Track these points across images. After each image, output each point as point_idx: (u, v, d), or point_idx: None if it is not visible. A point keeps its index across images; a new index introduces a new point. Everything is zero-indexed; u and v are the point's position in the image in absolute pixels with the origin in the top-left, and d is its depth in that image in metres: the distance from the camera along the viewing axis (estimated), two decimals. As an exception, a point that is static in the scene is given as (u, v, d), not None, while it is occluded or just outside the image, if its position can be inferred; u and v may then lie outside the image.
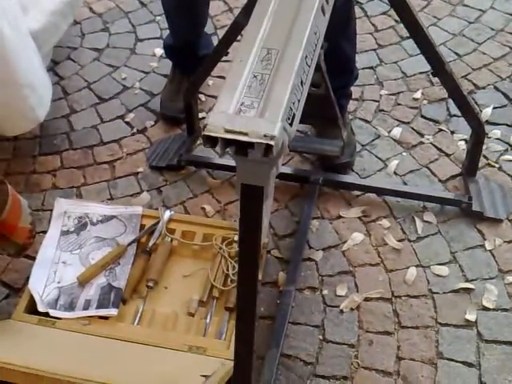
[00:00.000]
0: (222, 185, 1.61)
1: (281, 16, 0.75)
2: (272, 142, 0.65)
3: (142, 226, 1.45)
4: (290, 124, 0.71)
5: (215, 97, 1.81)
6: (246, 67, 0.71)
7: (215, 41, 1.84)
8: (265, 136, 0.65)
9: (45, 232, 1.43)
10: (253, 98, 0.69)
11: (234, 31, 1.32)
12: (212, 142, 0.68)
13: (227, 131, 0.66)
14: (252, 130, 0.65)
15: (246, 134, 0.65)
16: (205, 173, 1.64)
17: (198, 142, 1.69)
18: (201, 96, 1.79)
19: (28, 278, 1.35)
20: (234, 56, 0.75)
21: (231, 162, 1.69)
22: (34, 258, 1.42)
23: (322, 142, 1.43)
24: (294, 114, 0.73)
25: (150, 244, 1.41)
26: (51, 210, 1.49)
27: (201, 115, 1.73)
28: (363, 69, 1.80)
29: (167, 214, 1.46)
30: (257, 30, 0.73)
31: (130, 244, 1.41)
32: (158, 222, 1.44)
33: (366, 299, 1.36)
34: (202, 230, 1.42)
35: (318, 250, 1.45)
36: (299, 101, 0.74)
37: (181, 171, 1.64)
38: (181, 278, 1.38)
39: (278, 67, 0.70)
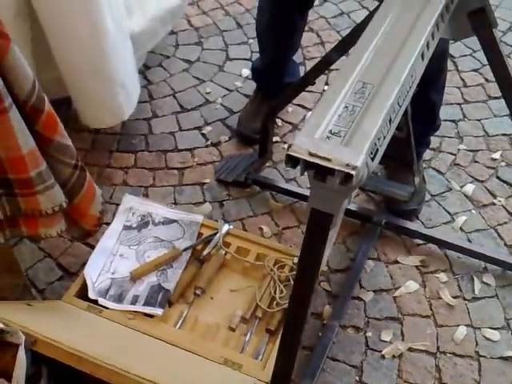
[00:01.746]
0: (283, 209, 1.62)
1: (382, 53, 0.77)
2: (353, 172, 0.66)
3: (200, 235, 1.48)
4: (372, 159, 0.72)
5: (292, 123, 1.84)
6: (339, 96, 0.73)
7: (302, 70, 1.88)
8: (347, 165, 0.66)
9: (108, 224, 1.48)
10: (341, 126, 0.70)
11: (323, 65, 1.35)
12: (294, 162, 0.70)
13: (311, 154, 0.68)
14: (335, 157, 0.67)
15: (328, 160, 0.67)
16: (268, 195, 1.66)
17: (267, 164, 1.72)
18: (278, 120, 1.82)
19: (83, 265, 1.39)
20: (330, 83, 0.77)
21: (295, 188, 1.72)
22: (92, 247, 1.47)
23: (392, 185, 1.43)
24: (378, 150, 0.74)
25: (205, 253, 1.43)
26: (118, 205, 1.54)
27: (275, 139, 1.76)
28: (445, 121, 1.78)
29: (226, 227, 1.48)
30: (356, 62, 0.75)
31: (185, 249, 1.44)
32: (215, 234, 1.47)
33: (410, 349, 1.33)
34: (256, 249, 1.44)
35: (368, 291, 1.43)
36: (385, 137, 0.75)
37: (245, 189, 1.67)
38: (228, 292, 1.39)
39: (370, 101, 0.72)
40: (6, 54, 0.87)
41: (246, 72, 1.97)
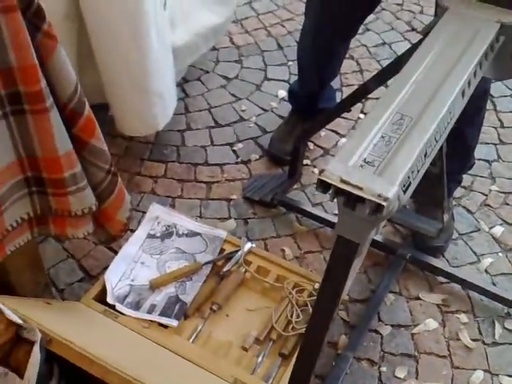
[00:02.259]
0: (307, 233, 1.61)
1: (423, 87, 0.76)
2: (384, 203, 0.65)
3: (222, 250, 1.48)
4: (404, 191, 0.72)
5: (324, 148, 1.84)
6: (376, 126, 0.73)
7: (338, 96, 1.89)
8: (379, 195, 0.66)
9: (133, 230, 1.50)
10: (375, 156, 0.70)
11: (361, 93, 1.35)
12: (325, 187, 0.69)
13: (343, 181, 0.67)
14: (367, 186, 0.66)
15: (360, 189, 0.67)
16: (293, 217, 1.66)
17: (295, 186, 1.72)
18: (310, 144, 1.82)
19: (105, 268, 1.41)
20: (369, 111, 0.77)
21: (321, 213, 1.71)
22: (115, 251, 1.48)
23: (420, 219, 1.41)
24: (411, 183, 0.73)
25: (225, 269, 1.43)
26: (144, 212, 1.56)
27: (305, 162, 1.76)
28: (479, 160, 1.76)
29: (248, 245, 1.48)
30: (396, 93, 0.75)
31: (206, 263, 1.44)
32: (237, 251, 1.46)
33: (424, 389, 1.30)
34: (276, 270, 1.43)
35: (386, 325, 1.41)
36: (418, 171, 0.75)
37: (271, 209, 1.67)
38: (244, 310, 1.38)
39: (407, 134, 0.72)
40: (51, 55, 0.89)
41: (283, 93, 1.99)
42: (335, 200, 0.71)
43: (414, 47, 0.91)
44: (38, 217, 1.07)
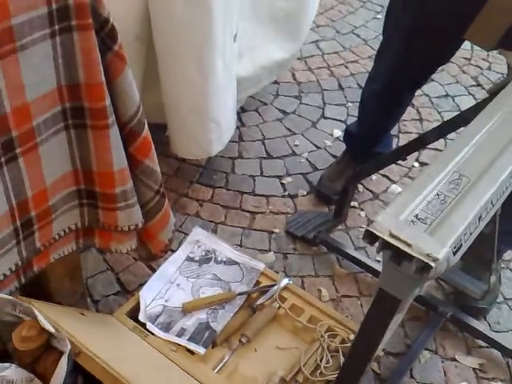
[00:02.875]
0: (346, 276, 1.59)
1: (484, 149, 0.74)
2: (433, 264, 0.63)
3: (258, 283, 1.46)
4: (454, 253, 0.69)
5: (373, 192, 1.82)
6: (432, 182, 0.71)
7: (394, 142, 1.86)
8: (428, 255, 0.64)
9: (173, 251, 1.51)
10: (428, 213, 0.68)
11: (418, 143, 1.33)
12: (372, 238, 0.68)
13: (392, 235, 0.66)
14: (417, 244, 0.65)
15: (409, 245, 0.65)
16: (334, 258, 1.63)
17: (339, 227, 1.70)
18: (359, 186, 1.80)
19: (141, 285, 1.42)
20: (425, 167, 0.75)
21: (364, 258, 1.68)
22: (153, 269, 1.50)
23: (465, 278, 1.36)
24: (462, 245, 0.71)
25: (258, 302, 1.42)
26: (186, 234, 1.57)
27: (352, 203, 1.74)
28: (533, 223, 1.70)
29: (285, 281, 1.46)
30: (456, 152, 0.74)
31: (240, 294, 1.43)
32: (273, 285, 1.45)
33: None
34: (310, 311, 1.40)
35: (418, 383, 1.36)
36: (471, 234, 0.72)
37: (312, 247, 1.65)
38: (273, 347, 1.36)
39: (464, 195, 0.70)
40: (119, 76, 0.92)
41: (338, 133, 1.98)
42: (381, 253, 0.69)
43: (479, 105, 0.89)
44: (85, 228, 1.09)
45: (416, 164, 1.89)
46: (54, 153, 0.92)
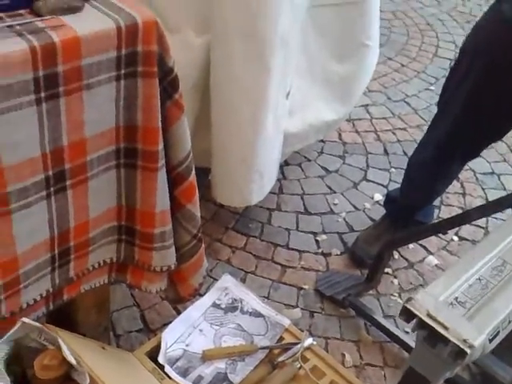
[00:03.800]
0: (373, 344, 1.54)
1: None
2: (468, 350, 0.62)
3: (281, 339, 1.44)
4: (490, 341, 0.67)
5: (409, 261, 1.79)
6: (474, 266, 0.70)
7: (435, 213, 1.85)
8: (464, 341, 0.62)
9: (200, 295, 1.50)
10: (468, 298, 0.67)
11: (461, 219, 1.32)
12: (408, 316, 0.67)
13: (429, 316, 0.65)
14: (454, 328, 0.63)
15: (446, 328, 0.63)
16: (361, 323, 1.60)
17: (370, 292, 1.67)
18: (395, 252, 1.78)
19: (165, 325, 1.42)
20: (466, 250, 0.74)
21: (392, 327, 1.63)
22: (178, 311, 1.49)
23: (496, 363, 1.31)
24: (499, 333, 0.69)
25: (280, 359, 1.39)
26: (215, 280, 1.57)
27: (386, 270, 1.71)
28: None
29: (309, 340, 1.43)
30: (501, 238, 0.73)
31: (262, 348, 1.40)
32: (296, 343, 1.42)
33: None
34: (331, 375, 1.36)
35: None
36: (509, 323, 0.70)
37: (340, 309, 1.62)
38: (289, 408, 1.32)
39: (507, 282, 0.68)
40: (175, 123, 0.95)
41: (379, 197, 1.98)
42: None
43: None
44: (119, 263, 1.11)
45: (455, 238, 1.86)
46: (102, 188, 0.95)
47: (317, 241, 1.82)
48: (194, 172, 1.05)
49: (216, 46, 1.40)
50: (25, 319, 0.90)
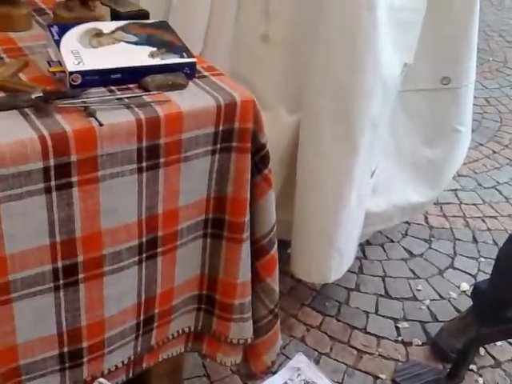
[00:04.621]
0: None
1: None
2: None
3: (353, 430, 1.36)
4: None
5: (496, 359, 1.65)
6: None
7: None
8: None
9: (273, 373, 1.46)
10: None
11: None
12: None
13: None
14: None
15: None
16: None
17: (452, 390, 1.55)
18: (481, 349, 1.66)
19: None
20: None
21: None
22: (248, 387, 1.45)
23: None
24: None
25: None
26: (287, 357, 1.52)
27: (470, 366, 1.59)
28: None
29: None
30: None
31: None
32: None
33: None
34: None
35: None
36: None
37: (419, 404, 1.52)
38: None
39: None
40: (263, 197, 0.97)
41: (465, 286, 1.88)
42: None
43: None
44: (196, 333, 1.11)
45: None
46: (189, 256, 0.97)
47: (397, 327, 1.74)
48: (276, 247, 1.06)
49: (306, 125, 1.44)
50: (101, 379, 0.91)
